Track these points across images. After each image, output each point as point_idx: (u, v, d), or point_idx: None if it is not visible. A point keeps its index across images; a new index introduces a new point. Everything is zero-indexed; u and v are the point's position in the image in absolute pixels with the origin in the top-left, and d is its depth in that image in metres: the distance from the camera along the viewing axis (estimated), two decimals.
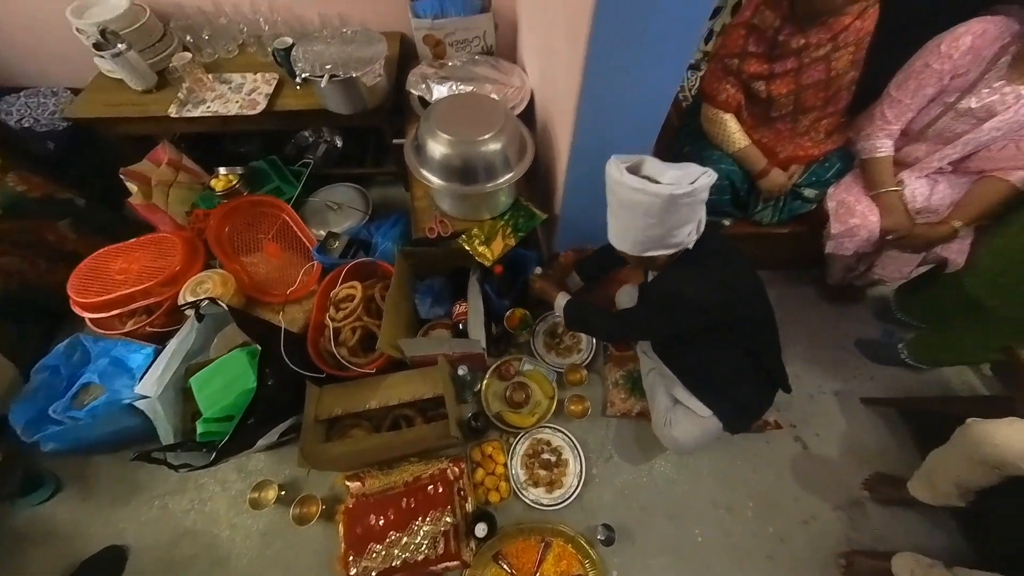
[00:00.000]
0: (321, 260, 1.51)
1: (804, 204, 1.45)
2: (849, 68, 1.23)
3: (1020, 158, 1.10)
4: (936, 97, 1.16)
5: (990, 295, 1.16)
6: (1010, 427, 0.91)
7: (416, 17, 1.59)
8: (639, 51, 0.92)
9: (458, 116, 1.20)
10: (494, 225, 1.36)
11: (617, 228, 1.02)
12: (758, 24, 1.19)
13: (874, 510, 1.34)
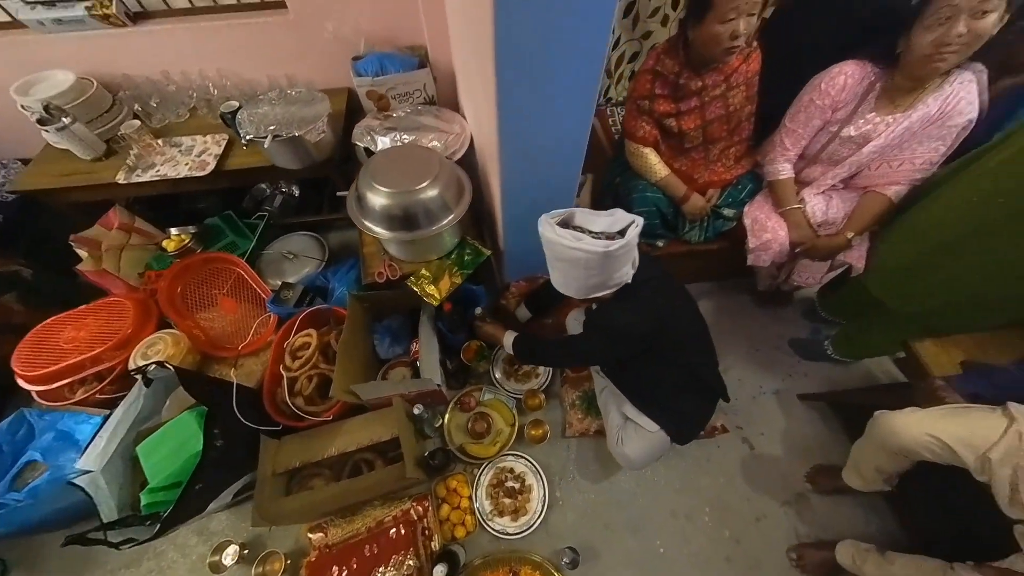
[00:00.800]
0: (275, 311, 1.48)
1: (725, 222, 1.52)
2: (745, 103, 1.32)
3: (892, 175, 1.20)
4: (823, 127, 1.26)
5: (886, 295, 1.24)
6: (908, 417, 0.96)
7: (358, 76, 1.63)
8: (544, 98, 0.96)
9: (394, 168, 1.23)
10: (441, 265, 1.37)
11: (559, 278, 1.03)
12: (661, 70, 1.28)
13: (817, 501, 1.37)
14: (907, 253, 1.19)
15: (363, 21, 1.64)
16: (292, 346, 1.40)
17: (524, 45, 0.84)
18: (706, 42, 1.15)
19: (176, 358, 1.33)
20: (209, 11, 1.69)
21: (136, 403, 1.17)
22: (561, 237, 0.89)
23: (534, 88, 0.93)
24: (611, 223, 0.92)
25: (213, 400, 1.13)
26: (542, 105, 0.98)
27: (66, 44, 1.60)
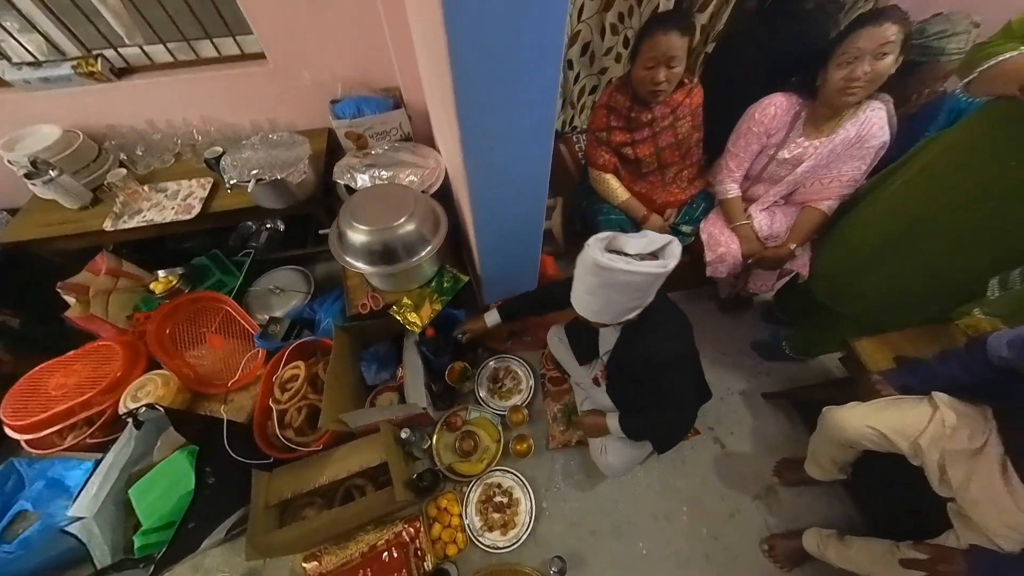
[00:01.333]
0: (263, 346, 1.49)
1: (685, 238, 1.60)
2: (692, 131, 1.43)
3: (824, 191, 1.30)
4: (762, 150, 1.37)
5: (828, 298, 1.33)
6: (850, 411, 1.03)
7: (337, 119, 1.69)
8: (504, 133, 1.00)
9: (372, 206, 1.27)
10: (422, 293, 1.41)
11: (597, 305, 0.95)
12: (614, 105, 1.38)
13: (785, 493, 1.43)
14: (841, 260, 1.29)
15: (339, 68, 1.71)
16: (281, 379, 1.41)
17: (481, 87, 0.89)
18: (638, 83, 1.28)
19: (166, 398, 1.32)
20: (191, 64, 1.73)
21: (127, 446, 1.17)
22: (615, 262, 0.83)
23: (494, 124, 0.98)
24: (646, 244, 0.89)
25: (204, 438, 1.14)
26: (503, 140, 1.02)
27: (52, 100, 1.62)
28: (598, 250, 0.86)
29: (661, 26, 1.18)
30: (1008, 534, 0.82)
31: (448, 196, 1.63)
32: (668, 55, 1.19)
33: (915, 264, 1.09)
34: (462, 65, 0.85)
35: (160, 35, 1.67)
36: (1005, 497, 0.83)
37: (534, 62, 0.88)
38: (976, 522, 0.87)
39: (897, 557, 0.94)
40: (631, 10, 1.60)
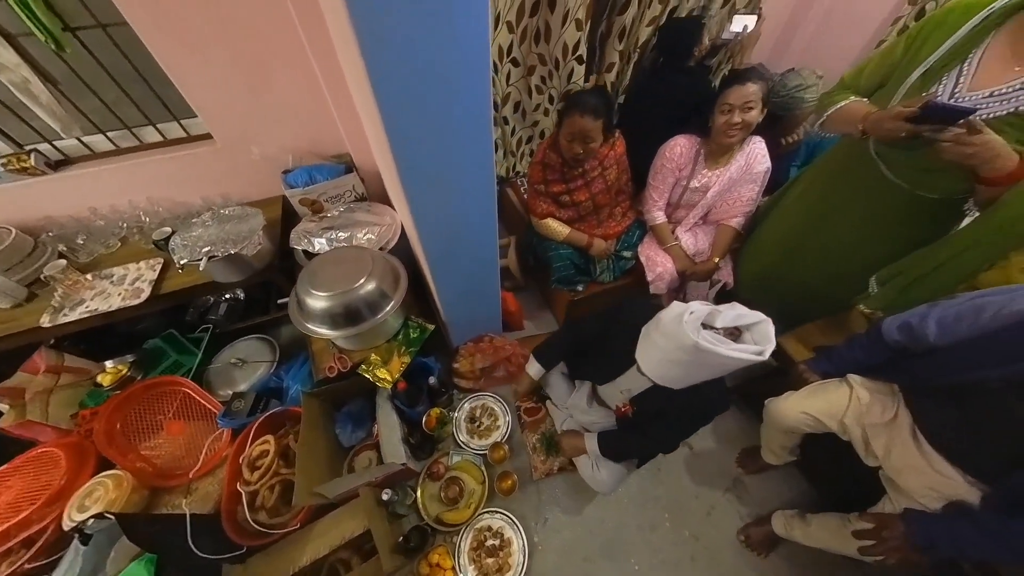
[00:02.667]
0: (227, 425, 1.35)
1: (627, 262, 1.67)
2: (620, 175, 1.53)
3: (732, 211, 1.44)
4: (676, 182, 1.49)
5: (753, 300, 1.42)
6: (785, 401, 1.09)
7: (289, 188, 1.64)
8: (446, 187, 1.02)
9: (330, 271, 1.23)
10: (389, 347, 1.36)
11: (675, 374, 0.86)
12: (548, 162, 1.46)
13: (750, 481, 1.46)
14: (755, 270, 1.42)
15: (287, 140, 1.69)
16: (250, 458, 1.27)
17: (421, 155, 0.92)
18: (563, 149, 1.37)
19: (119, 501, 1.15)
20: (135, 150, 1.65)
21: (73, 566, 0.99)
22: (715, 346, 0.73)
23: (437, 184, 1.00)
24: (735, 318, 0.80)
25: (163, 542, 0.99)
26: (447, 197, 1.04)
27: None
28: (694, 330, 0.75)
29: (577, 109, 1.27)
30: (929, 494, 0.87)
31: (407, 248, 1.61)
32: (583, 133, 1.29)
33: (811, 267, 1.21)
34: (400, 140, 0.87)
35: (99, 125, 1.58)
36: (920, 460, 0.89)
37: (467, 128, 0.92)
38: (902, 487, 0.92)
39: (849, 529, 0.97)
40: (550, 74, 1.72)
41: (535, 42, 1.66)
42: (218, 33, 1.34)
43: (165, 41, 1.33)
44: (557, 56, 1.65)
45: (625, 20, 1.58)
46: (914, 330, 0.87)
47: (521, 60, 1.70)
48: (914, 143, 0.83)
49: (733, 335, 0.81)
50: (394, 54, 0.73)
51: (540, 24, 1.59)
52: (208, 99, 1.50)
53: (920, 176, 0.91)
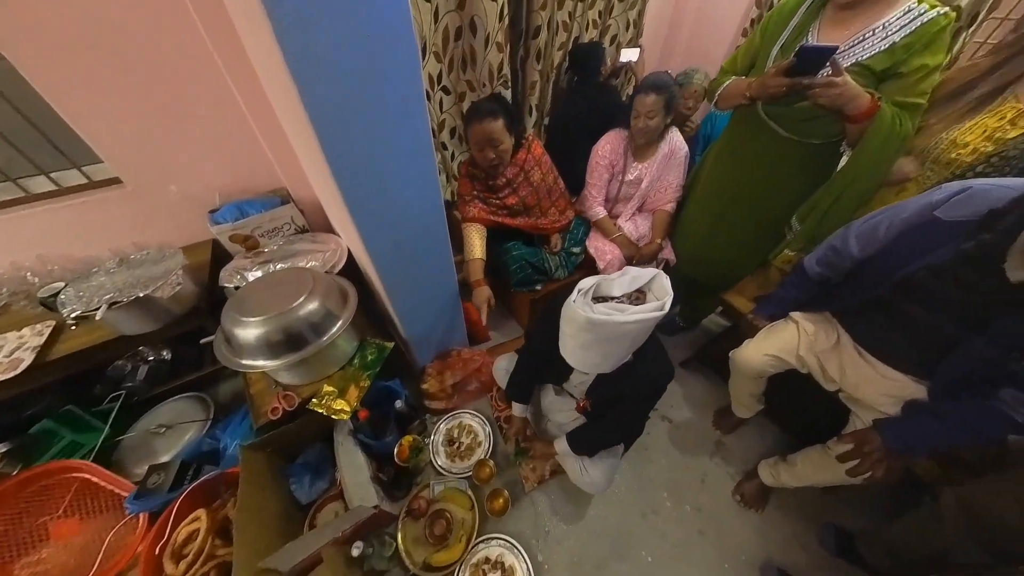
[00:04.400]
0: (139, 509, 0.99)
1: (578, 257, 1.62)
2: (546, 175, 1.49)
3: (664, 197, 1.48)
4: (612, 178, 1.49)
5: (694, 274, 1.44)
6: (747, 348, 1.06)
7: (216, 224, 1.39)
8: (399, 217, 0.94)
9: (263, 295, 1.00)
10: (344, 375, 1.12)
11: (593, 359, 0.78)
12: (473, 175, 1.40)
13: (729, 440, 1.38)
14: (689, 244, 1.44)
15: (213, 178, 1.45)
16: (174, 544, 0.92)
17: (367, 194, 0.85)
18: (479, 161, 1.32)
19: None
20: (18, 203, 1.29)
21: None
22: (608, 316, 0.68)
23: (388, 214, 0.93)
24: (630, 282, 0.76)
25: None
26: (398, 222, 0.96)
27: None
28: (587, 306, 0.70)
29: (475, 117, 1.25)
30: (886, 401, 0.85)
31: (357, 271, 1.41)
32: (488, 137, 1.25)
33: (735, 229, 1.24)
34: (345, 173, 0.79)
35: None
36: (869, 371, 0.88)
37: (408, 154, 0.86)
38: (862, 400, 0.89)
39: (832, 456, 0.91)
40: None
41: (463, 69, 1.65)
42: (121, 71, 1.14)
43: (56, 80, 1.09)
44: (484, 80, 1.65)
45: (539, 44, 1.64)
46: (839, 251, 0.88)
47: (452, 88, 1.68)
48: (793, 98, 0.90)
49: (637, 299, 0.76)
50: (330, 89, 0.69)
51: (465, 49, 1.59)
52: (114, 142, 1.25)
53: (804, 126, 0.97)
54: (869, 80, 0.84)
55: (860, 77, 0.84)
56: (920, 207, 0.75)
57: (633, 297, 0.76)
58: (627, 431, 1.03)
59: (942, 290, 0.72)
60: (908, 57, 0.80)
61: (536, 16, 1.59)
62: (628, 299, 0.76)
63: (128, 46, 1.11)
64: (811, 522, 1.17)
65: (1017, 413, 0.68)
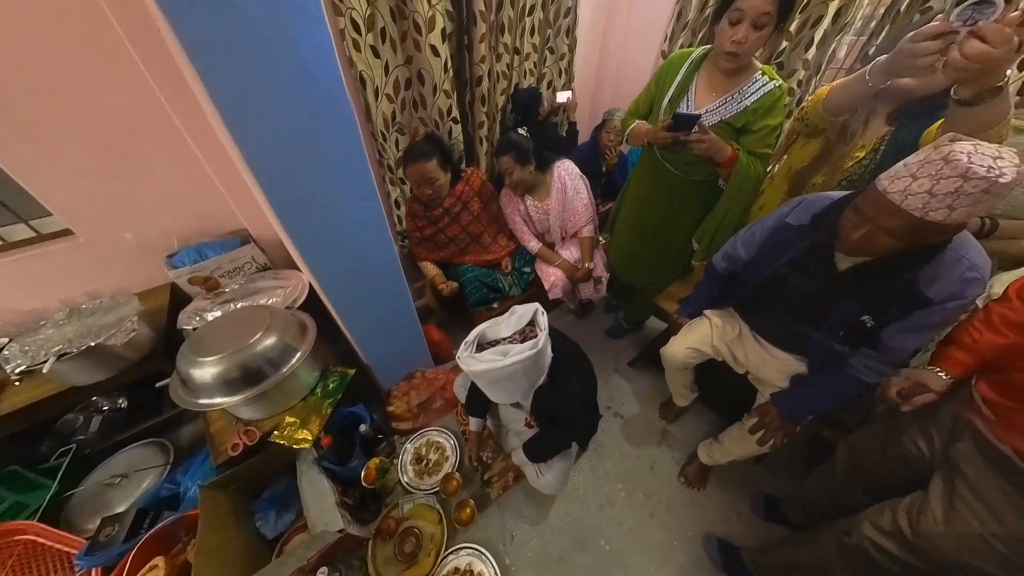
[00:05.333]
0: (90, 565, 0.92)
1: (529, 275, 1.71)
2: (487, 205, 1.59)
3: (578, 223, 1.58)
4: (525, 219, 1.61)
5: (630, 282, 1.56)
6: (673, 344, 1.17)
7: (174, 268, 1.36)
8: (351, 256, 0.99)
9: (220, 334, 1.00)
10: (306, 404, 1.12)
11: (502, 395, 0.85)
12: (414, 212, 1.51)
13: (673, 428, 1.48)
14: (620, 260, 1.55)
15: (169, 224, 1.43)
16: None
17: (311, 222, 0.89)
18: (420, 197, 1.41)
19: None
20: None
21: None
22: (491, 363, 0.74)
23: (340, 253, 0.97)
24: (516, 321, 0.82)
25: None
26: (350, 258, 1.00)
27: None
28: (470, 359, 0.77)
29: (409, 160, 1.36)
30: (779, 377, 0.97)
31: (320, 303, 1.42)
32: (423, 176, 1.35)
33: (654, 247, 1.37)
34: (292, 222, 0.85)
35: None
36: (765, 354, 1.01)
37: (354, 201, 0.92)
38: (763, 379, 1.01)
39: (746, 429, 1.01)
40: None
41: (415, 109, 1.74)
42: (68, 124, 1.12)
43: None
44: (436, 119, 1.75)
45: (483, 90, 1.77)
46: (731, 255, 1.02)
47: (405, 126, 1.76)
48: (677, 146, 1.04)
49: (527, 333, 0.83)
50: (270, 148, 0.73)
51: (416, 95, 1.69)
52: (64, 195, 1.22)
53: (688, 168, 1.13)
54: (731, 133, 1.00)
55: (724, 131, 1.00)
56: (778, 216, 0.90)
57: (524, 332, 0.83)
58: (572, 437, 1.11)
59: (799, 281, 0.86)
60: (756, 118, 0.96)
61: (477, 68, 1.72)
62: (520, 335, 0.82)
63: (74, 99, 1.10)
64: (744, 492, 1.27)
65: (863, 375, 0.80)
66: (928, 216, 0.57)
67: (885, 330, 0.75)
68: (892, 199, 0.60)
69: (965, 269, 0.65)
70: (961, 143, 0.56)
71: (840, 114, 0.89)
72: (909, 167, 0.59)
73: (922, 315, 0.70)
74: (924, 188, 0.57)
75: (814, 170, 0.99)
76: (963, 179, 0.53)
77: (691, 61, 1.04)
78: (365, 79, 1.50)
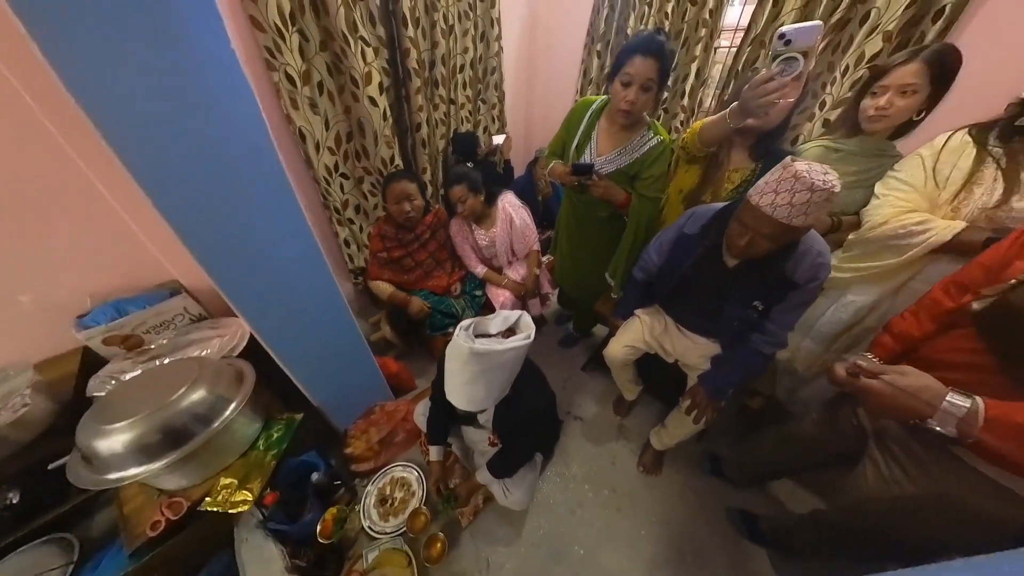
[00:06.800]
0: None
1: (480, 298, 1.70)
2: (449, 237, 1.61)
3: (526, 245, 1.64)
4: (473, 248, 1.63)
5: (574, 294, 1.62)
6: (612, 344, 1.22)
7: (85, 329, 1.15)
8: (271, 287, 0.90)
9: (133, 398, 0.85)
10: (246, 461, 0.97)
11: (479, 393, 0.80)
12: (385, 233, 1.45)
13: (628, 422, 1.50)
14: (563, 275, 1.62)
15: (80, 282, 1.23)
16: None
17: (235, 271, 0.82)
18: (395, 215, 1.41)
19: None
20: None
21: None
22: (491, 345, 0.74)
23: (264, 290, 0.88)
24: (503, 321, 0.85)
25: None
26: (278, 294, 0.91)
27: None
28: (470, 339, 0.76)
29: (393, 179, 1.38)
30: (701, 360, 1.06)
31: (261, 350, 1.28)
32: (405, 194, 1.37)
33: (587, 266, 1.44)
34: (218, 269, 0.79)
35: None
36: (688, 342, 1.09)
37: (286, 244, 0.86)
38: (691, 364, 1.09)
39: (683, 411, 1.06)
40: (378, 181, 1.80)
41: (357, 159, 1.73)
42: None
43: None
44: (379, 167, 1.75)
45: (423, 135, 1.83)
46: (646, 264, 1.11)
47: (350, 174, 1.74)
48: (582, 187, 1.14)
49: (509, 334, 0.87)
50: (184, 198, 0.68)
51: (358, 146, 1.69)
52: None
53: (593, 206, 1.24)
54: (626, 179, 1.12)
55: (620, 177, 1.12)
56: (677, 227, 1.01)
57: (505, 333, 0.86)
58: (536, 447, 1.09)
59: (701, 279, 0.96)
60: (644, 168, 1.09)
61: (416, 115, 1.78)
62: (502, 335, 0.85)
63: None
64: (695, 471, 1.31)
65: (763, 348, 0.91)
66: (792, 222, 0.69)
67: (772, 311, 0.87)
68: (765, 211, 0.71)
69: (815, 256, 0.79)
70: (798, 163, 0.68)
71: (711, 145, 1.04)
72: (769, 184, 0.70)
73: (795, 295, 0.82)
74: (786, 201, 0.68)
75: (701, 191, 1.14)
76: (811, 191, 0.65)
77: (592, 111, 1.14)
78: (305, 134, 1.48)
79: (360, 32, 1.42)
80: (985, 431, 0.51)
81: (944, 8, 1.13)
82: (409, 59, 1.62)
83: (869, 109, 0.90)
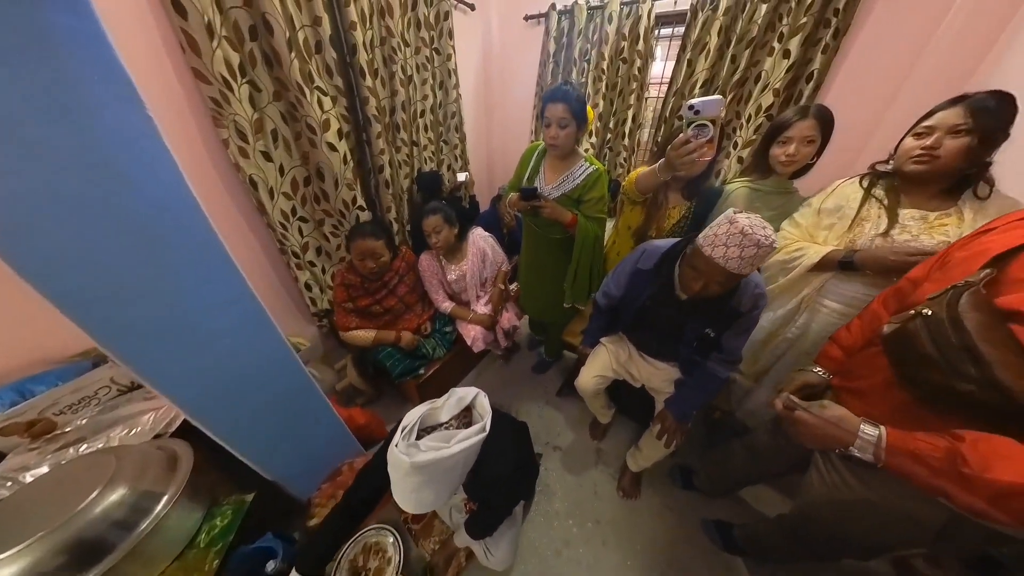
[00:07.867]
0: None
1: (451, 334, 1.64)
2: (419, 278, 1.56)
3: (495, 268, 1.64)
4: (441, 284, 1.61)
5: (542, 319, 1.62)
6: (582, 374, 1.22)
7: None
8: (203, 355, 0.77)
9: (26, 512, 0.67)
10: (183, 563, 0.80)
11: (433, 497, 0.65)
12: (349, 283, 1.38)
13: (605, 446, 1.48)
14: (528, 301, 1.62)
15: None
16: None
17: (151, 347, 0.68)
18: (360, 268, 1.35)
19: None
20: None
21: None
22: (437, 451, 0.61)
23: (193, 362, 0.75)
24: (456, 403, 0.72)
25: None
26: (211, 363, 0.78)
27: None
28: (411, 448, 0.63)
29: (359, 235, 1.32)
30: (666, 383, 1.09)
31: None
32: (371, 251, 1.33)
33: (547, 288, 1.44)
34: (128, 351, 0.65)
35: None
36: (652, 368, 1.12)
37: (222, 310, 0.75)
38: (656, 388, 1.12)
39: (653, 436, 1.07)
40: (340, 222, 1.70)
41: (316, 203, 1.64)
42: None
43: None
44: (341, 208, 1.67)
45: (386, 176, 1.78)
46: (607, 293, 1.13)
47: (309, 217, 1.64)
48: (534, 211, 1.19)
49: (465, 417, 0.75)
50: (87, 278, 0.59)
51: (317, 190, 1.60)
52: None
53: (546, 228, 1.29)
54: (572, 203, 1.19)
55: (566, 201, 1.19)
56: (631, 262, 1.05)
57: (460, 417, 0.74)
58: (513, 502, 1.01)
59: (658, 310, 1.00)
60: (585, 192, 1.17)
61: (378, 158, 1.74)
62: (456, 420, 0.73)
63: None
64: (672, 489, 1.31)
65: (718, 372, 0.95)
66: (742, 271, 0.75)
67: (723, 337, 0.92)
68: (718, 263, 0.76)
69: (753, 288, 0.86)
70: (740, 217, 0.74)
71: (647, 193, 1.16)
72: (720, 236, 0.75)
73: (740, 322, 0.89)
74: (736, 254, 0.73)
75: (646, 227, 1.24)
76: (757, 247, 0.71)
77: (538, 152, 1.24)
78: (256, 181, 1.38)
79: (317, 83, 1.38)
80: (888, 456, 0.54)
81: (813, 73, 1.46)
82: (368, 106, 1.60)
83: (780, 156, 1.04)
